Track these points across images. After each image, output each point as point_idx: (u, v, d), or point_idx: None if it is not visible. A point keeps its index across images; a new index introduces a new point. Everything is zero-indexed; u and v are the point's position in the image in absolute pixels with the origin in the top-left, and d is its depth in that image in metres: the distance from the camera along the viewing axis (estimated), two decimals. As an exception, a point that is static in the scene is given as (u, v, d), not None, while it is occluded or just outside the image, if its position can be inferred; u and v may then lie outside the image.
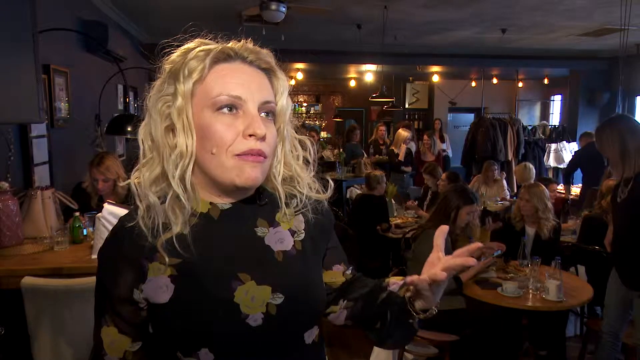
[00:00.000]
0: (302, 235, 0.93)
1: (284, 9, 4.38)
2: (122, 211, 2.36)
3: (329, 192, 0.97)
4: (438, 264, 0.83)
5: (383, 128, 7.65)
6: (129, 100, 4.28)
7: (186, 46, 0.85)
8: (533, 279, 2.74)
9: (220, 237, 0.86)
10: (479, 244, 0.83)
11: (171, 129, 0.83)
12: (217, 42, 0.87)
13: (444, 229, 0.86)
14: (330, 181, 0.98)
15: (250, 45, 0.87)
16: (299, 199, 0.93)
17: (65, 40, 3.57)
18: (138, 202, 0.84)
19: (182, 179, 0.82)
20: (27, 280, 2.04)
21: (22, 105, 1.91)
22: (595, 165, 5.35)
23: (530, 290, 2.73)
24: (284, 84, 0.89)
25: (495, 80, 9.23)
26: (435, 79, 9.56)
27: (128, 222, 0.84)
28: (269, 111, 0.85)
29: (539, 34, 6.11)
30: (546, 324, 3.17)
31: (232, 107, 0.82)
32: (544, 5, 4.66)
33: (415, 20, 5.41)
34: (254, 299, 0.83)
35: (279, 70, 0.89)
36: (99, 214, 2.40)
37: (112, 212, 2.38)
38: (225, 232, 0.86)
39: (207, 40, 0.86)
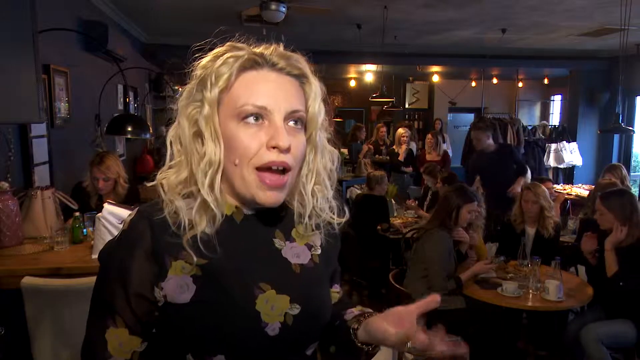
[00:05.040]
0: (319, 251, 0.94)
1: (284, 9, 4.38)
2: (123, 211, 2.38)
3: (345, 217, 0.95)
4: (406, 324, 0.80)
5: (384, 129, 7.65)
6: (129, 100, 4.29)
7: (216, 51, 0.83)
8: (533, 279, 2.74)
9: (242, 242, 0.86)
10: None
11: (199, 135, 0.82)
12: (249, 45, 0.84)
13: (435, 299, 0.81)
14: (347, 209, 0.96)
15: (281, 50, 0.85)
16: (315, 217, 0.91)
17: (65, 40, 3.57)
18: (164, 197, 0.83)
19: (212, 187, 0.81)
20: (27, 280, 2.04)
21: (22, 105, 1.91)
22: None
23: (530, 290, 2.73)
24: (316, 89, 0.86)
25: (495, 80, 9.22)
26: (435, 79, 9.56)
27: (149, 215, 0.82)
28: (297, 119, 0.83)
29: (539, 34, 6.10)
30: (546, 324, 3.17)
31: (258, 117, 0.80)
32: (544, 5, 4.66)
33: (415, 20, 5.40)
34: (274, 308, 0.83)
35: (312, 75, 0.87)
36: (99, 214, 2.41)
37: (112, 212, 2.38)
38: (246, 238, 0.86)
39: (238, 44, 0.84)
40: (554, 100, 10.15)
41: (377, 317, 0.86)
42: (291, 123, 0.82)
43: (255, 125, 0.80)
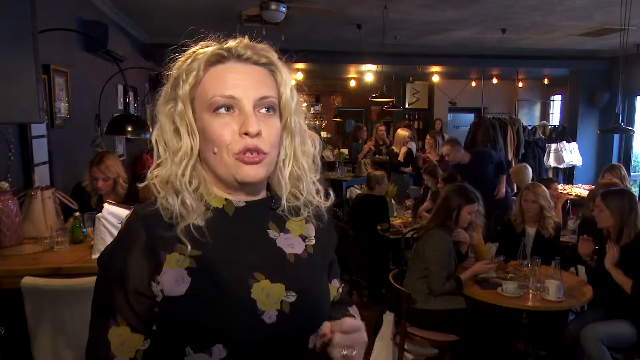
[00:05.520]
0: (313, 241, 0.95)
1: (284, 9, 4.38)
2: (122, 211, 2.38)
3: (330, 201, 0.98)
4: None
5: (382, 128, 7.65)
6: (129, 100, 4.28)
7: (190, 51, 0.87)
8: (533, 279, 2.74)
9: (235, 234, 0.87)
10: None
11: (178, 131, 0.86)
12: (220, 42, 0.88)
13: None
14: (331, 192, 0.98)
15: (246, 41, 0.88)
16: (302, 203, 0.94)
17: (65, 40, 3.57)
18: (157, 194, 0.86)
19: (184, 177, 0.85)
20: (27, 280, 2.04)
21: (22, 105, 1.91)
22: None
23: (530, 290, 2.73)
24: (286, 76, 0.90)
25: (495, 80, 9.22)
26: (435, 79, 9.56)
27: (143, 212, 0.86)
28: (269, 106, 0.86)
29: (539, 34, 6.11)
30: (546, 324, 3.17)
31: (228, 107, 0.84)
32: (544, 5, 4.66)
33: (415, 20, 5.40)
34: (270, 295, 0.84)
35: (280, 63, 0.90)
36: (99, 214, 2.41)
37: (112, 212, 2.38)
38: (240, 230, 0.88)
39: (208, 42, 0.88)
40: (554, 100, 10.15)
41: None
42: (263, 110, 0.86)
43: (227, 115, 0.84)
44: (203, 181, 0.88)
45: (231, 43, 0.88)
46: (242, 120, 0.83)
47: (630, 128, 6.09)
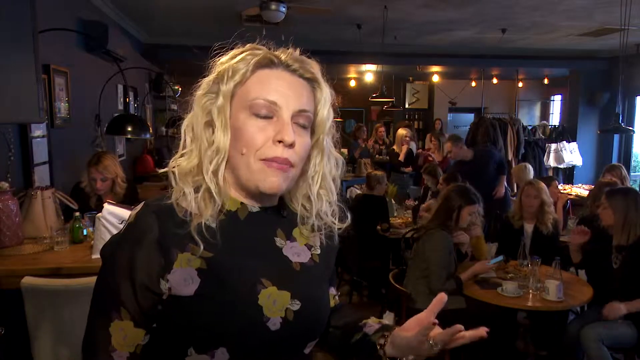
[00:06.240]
0: (319, 250, 0.96)
1: (284, 9, 4.38)
2: (122, 211, 2.38)
3: (346, 223, 0.98)
4: (427, 327, 0.87)
5: (382, 129, 7.64)
6: (129, 100, 4.29)
7: (236, 50, 0.88)
8: (533, 278, 2.74)
9: (245, 239, 0.87)
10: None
11: (210, 124, 0.86)
12: (268, 48, 0.89)
13: (442, 299, 0.89)
14: (349, 214, 0.99)
15: (296, 54, 0.90)
16: (317, 220, 0.94)
17: (65, 40, 3.57)
18: (175, 186, 0.85)
19: (216, 174, 0.84)
20: (27, 280, 2.04)
21: (22, 105, 1.91)
22: None
23: (530, 290, 2.73)
24: (327, 95, 0.91)
25: (495, 80, 9.22)
26: (435, 79, 9.56)
27: (156, 207, 0.84)
28: (304, 120, 0.87)
29: (539, 34, 6.11)
30: (546, 324, 3.17)
31: (267, 111, 0.84)
32: (544, 5, 4.66)
33: (415, 20, 5.40)
34: (276, 302, 0.84)
35: (323, 81, 0.91)
36: (99, 214, 2.41)
37: (112, 212, 2.38)
38: (249, 235, 0.88)
39: (258, 46, 0.89)
40: (554, 100, 10.15)
41: (398, 329, 0.91)
42: (298, 123, 0.86)
43: (264, 119, 0.84)
44: (222, 181, 0.87)
45: (282, 52, 0.89)
46: (279, 127, 0.83)
47: (630, 128, 6.09)
